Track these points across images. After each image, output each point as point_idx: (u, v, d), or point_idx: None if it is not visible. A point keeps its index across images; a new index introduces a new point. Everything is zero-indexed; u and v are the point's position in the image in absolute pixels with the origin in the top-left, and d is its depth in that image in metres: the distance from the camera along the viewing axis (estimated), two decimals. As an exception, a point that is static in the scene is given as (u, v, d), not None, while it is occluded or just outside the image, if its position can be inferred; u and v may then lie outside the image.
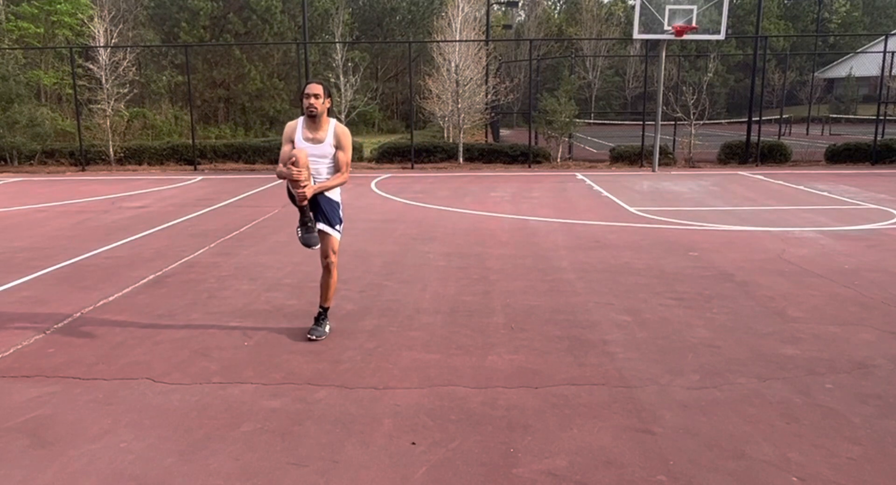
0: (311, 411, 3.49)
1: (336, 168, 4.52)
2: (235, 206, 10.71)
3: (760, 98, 17.64)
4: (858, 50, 40.43)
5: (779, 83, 33.14)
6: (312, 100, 4.34)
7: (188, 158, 17.33)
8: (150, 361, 4.18)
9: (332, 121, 4.46)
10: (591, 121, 34.30)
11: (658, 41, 15.25)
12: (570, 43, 43.76)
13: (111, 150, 17.23)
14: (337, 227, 4.52)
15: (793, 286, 5.73)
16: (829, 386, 3.73)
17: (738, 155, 17.04)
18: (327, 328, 4.64)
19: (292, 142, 4.45)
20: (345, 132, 4.46)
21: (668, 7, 14.27)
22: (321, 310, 4.69)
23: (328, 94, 4.42)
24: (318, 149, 4.41)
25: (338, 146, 4.44)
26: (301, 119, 4.47)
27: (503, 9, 41.88)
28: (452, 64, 17.83)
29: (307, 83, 4.39)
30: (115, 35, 18.62)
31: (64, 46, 23.98)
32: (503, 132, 28.85)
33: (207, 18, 29.66)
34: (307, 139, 4.40)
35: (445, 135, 21.75)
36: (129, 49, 18.70)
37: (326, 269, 4.58)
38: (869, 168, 15.99)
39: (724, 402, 3.54)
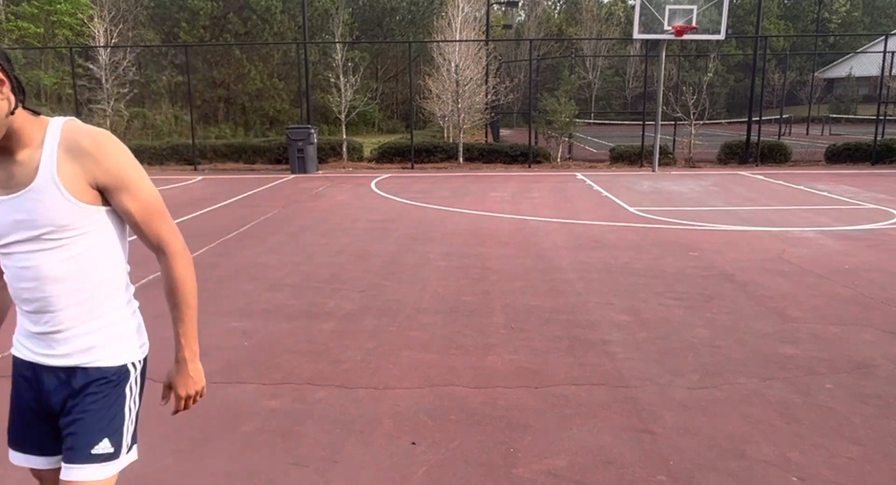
0: (311, 411, 3.49)
1: (105, 272, 1.75)
2: (235, 206, 10.70)
3: (760, 98, 17.63)
4: (858, 50, 40.40)
5: (779, 83, 33.11)
6: None
7: (188, 158, 17.32)
8: (151, 362, 4.17)
9: (51, 124, 1.64)
10: (591, 121, 34.25)
11: (658, 41, 15.25)
12: (570, 43, 43.75)
13: (111, 150, 17.21)
14: (105, 443, 1.74)
15: (793, 286, 5.73)
16: (829, 386, 3.73)
17: (738, 155, 17.04)
18: None
19: None
20: (99, 140, 1.63)
21: (668, 7, 14.27)
22: None
23: (9, 69, 1.57)
24: (21, 211, 1.61)
25: (99, 184, 1.64)
26: None
27: (503, 9, 41.86)
28: (452, 64, 17.82)
29: None
30: (115, 35, 18.62)
31: (64, 46, 23.96)
32: (503, 132, 28.83)
33: (207, 18, 29.64)
34: None
35: (445, 135, 21.74)
36: (129, 49, 18.68)
37: None
38: (869, 168, 15.99)
39: (724, 402, 3.54)
